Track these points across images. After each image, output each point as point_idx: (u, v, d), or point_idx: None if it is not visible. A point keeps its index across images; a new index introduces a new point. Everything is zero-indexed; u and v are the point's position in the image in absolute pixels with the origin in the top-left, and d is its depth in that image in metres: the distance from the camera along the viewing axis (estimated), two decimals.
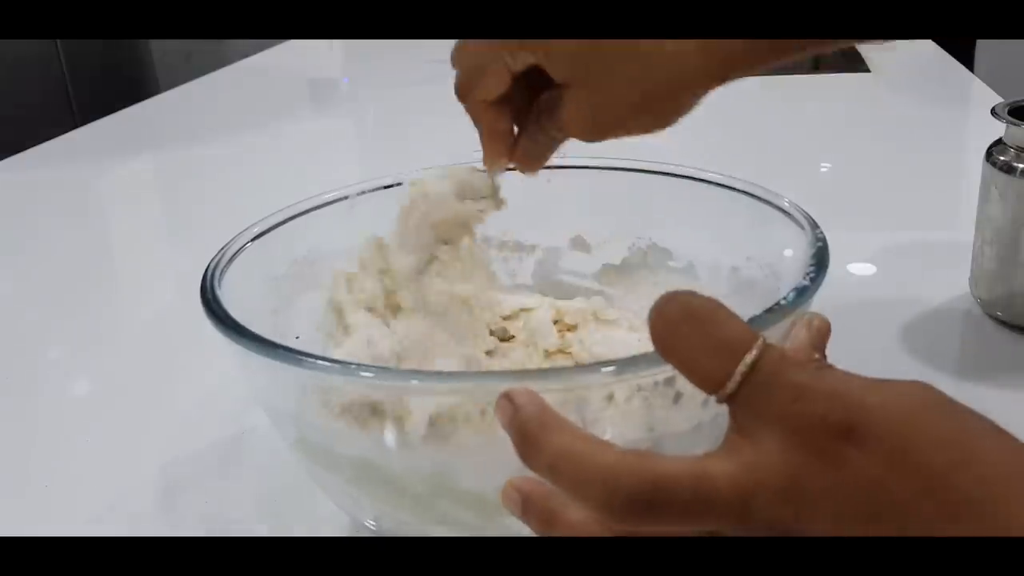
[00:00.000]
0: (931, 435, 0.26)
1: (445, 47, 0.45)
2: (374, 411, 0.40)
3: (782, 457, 0.27)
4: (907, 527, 0.25)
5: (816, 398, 0.27)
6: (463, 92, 0.46)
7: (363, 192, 0.56)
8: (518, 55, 0.43)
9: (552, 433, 0.29)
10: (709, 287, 0.53)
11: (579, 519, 0.29)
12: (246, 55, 1.74)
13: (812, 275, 0.41)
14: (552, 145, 0.47)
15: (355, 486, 0.43)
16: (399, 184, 0.56)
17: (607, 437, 0.37)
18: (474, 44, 0.45)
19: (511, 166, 0.48)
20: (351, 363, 0.38)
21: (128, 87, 1.77)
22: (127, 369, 0.68)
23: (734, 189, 0.52)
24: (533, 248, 0.60)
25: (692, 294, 0.29)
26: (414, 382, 0.39)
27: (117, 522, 0.51)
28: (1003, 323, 0.64)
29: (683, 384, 0.30)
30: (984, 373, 0.60)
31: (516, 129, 0.47)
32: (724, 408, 0.29)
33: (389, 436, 0.40)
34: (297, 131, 1.29)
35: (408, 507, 0.42)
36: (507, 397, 0.30)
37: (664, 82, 0.41)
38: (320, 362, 0.38)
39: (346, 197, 0.55)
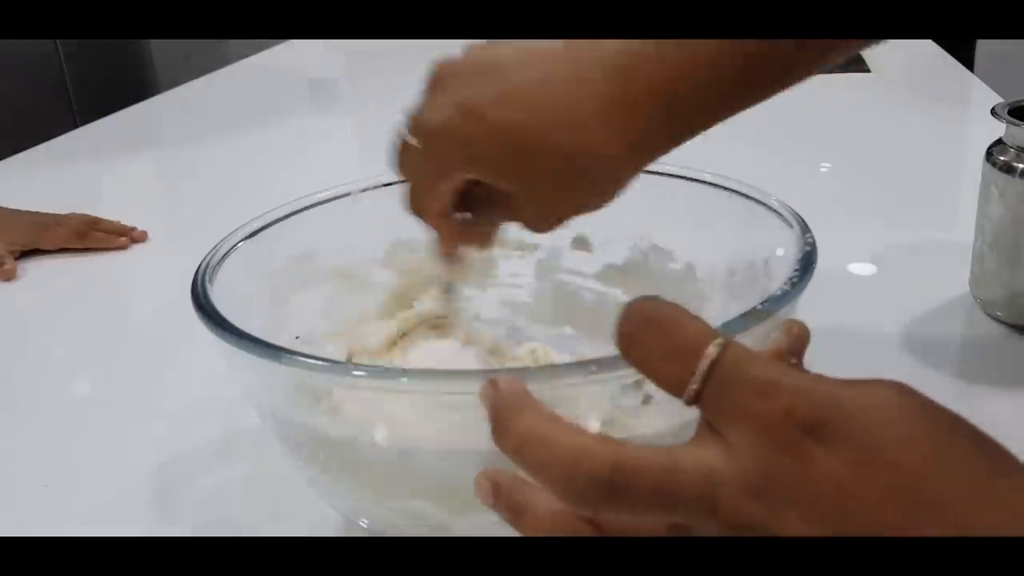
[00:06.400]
0: (902, 434, 0.25)
1: (444, 47, 0.45)
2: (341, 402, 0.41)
3: (750, 452, 0.26)
4: (876, 526, 0.25)
5: (781, 393, 0.26)
6: (413, 207, 0.47)
7: (365, 189, 0.56)
8: (458, 177, 0.44)
9: (522, 416, 0.29)
10: (707, 288, 0.53)
11: (547, 510, 0.29)
12: (246, 55, 1.74)
13: (795, 279, 0.41)
14: (499, 225, 0.49)
15: (332, 479, 0.44)
16: (395, 183, 0.56)
17: None
18: (411, 164, 0.45)
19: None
20: (321, 359, 0.39)
21: (128, 87, 1.76)
22: (126, 369, 0.68)
23: (727, 189, 0.53)
24: (535, 247, 0.60)
25: (653, 299, 0.29)
26: (403, 380, 0.39)
27: (115, 522, 0.51)
28: (1003, 323, 0.64)
29: (651, 387, 0.30)
30: (984, 373, 0.60)
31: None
32: (695, 412, 0.29)
33: (367, 430, 0.40)
34: (297, 131, 1.29)
35: (381, 501, 0.42)
36: (492, 383, 0.30)
37: (598, 183, 0.43)
38: (298, 358, 0.39)
39: (348, 194, 0.55)
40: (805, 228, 0.46)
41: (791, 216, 0.47)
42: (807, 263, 0.42)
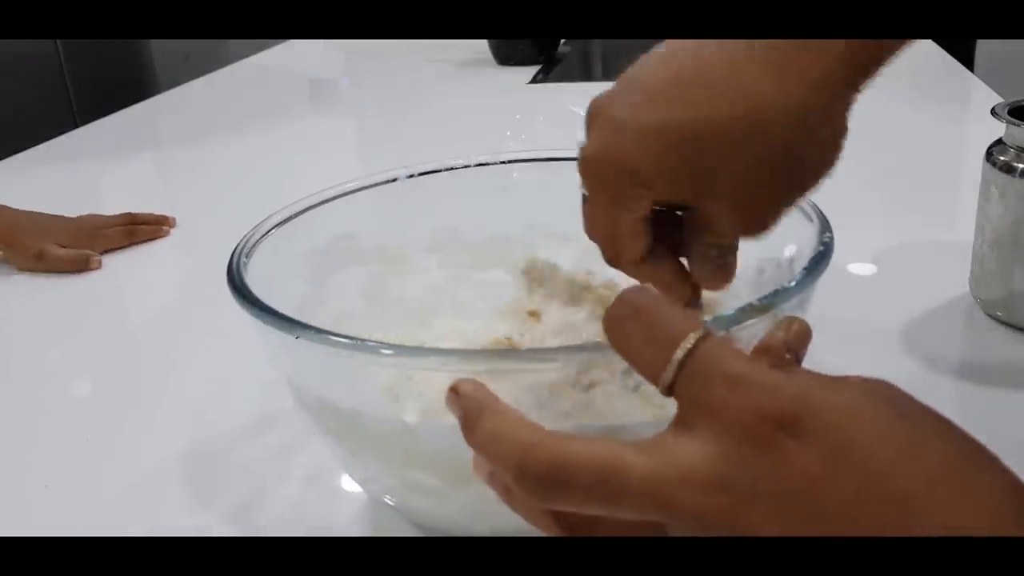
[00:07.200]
0: (874, 431, 0.25)
1: (445, 47, 0.45)
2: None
3: (716, 447, 0.26)
4: (846, 522, 0.24)
5: (753, 388, 0.26)
6: (613, 262, 0.43)
7: (412, 175, 0.57)
8: (636, 204, 0.40)
9: (484, 415, 0.30)
10: (739, 286, 0.53)
11: None
12: (246, 55, 1.74)
13: (799, 277, 0.41)
14: (725, 253, 0.44)
15: (349, 451, 0.45)
16: (441, 170, 0.57)
17: (568, 424, 0.39)
18: (594, 211, 0.42)
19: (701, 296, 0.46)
20: (342, 336, 0.39)
21: (128, 87, 1.77)
22: (128, 368, 0.68)
23: None
24: (577, 238, 0.60)
25: (640, 290, 0.30)
26: (436, 360, 0.39)
27: (114, 523, 0.51)
28: (1003, 323, 0.64)
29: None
30: (984, 373, 0.60)
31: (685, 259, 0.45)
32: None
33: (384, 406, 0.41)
34: (297, 131, 1.29)
35: (389, 470, 0.43)
36: (452, 390, 0.31)
37: (779, 145, 0.40)
38: (319, 334, 0.39)
39: (395, 179, 0.56)
40: (825, 229, 0.45)
41: (815, 215, 0.47)
42: (815, 264, 0.42)
